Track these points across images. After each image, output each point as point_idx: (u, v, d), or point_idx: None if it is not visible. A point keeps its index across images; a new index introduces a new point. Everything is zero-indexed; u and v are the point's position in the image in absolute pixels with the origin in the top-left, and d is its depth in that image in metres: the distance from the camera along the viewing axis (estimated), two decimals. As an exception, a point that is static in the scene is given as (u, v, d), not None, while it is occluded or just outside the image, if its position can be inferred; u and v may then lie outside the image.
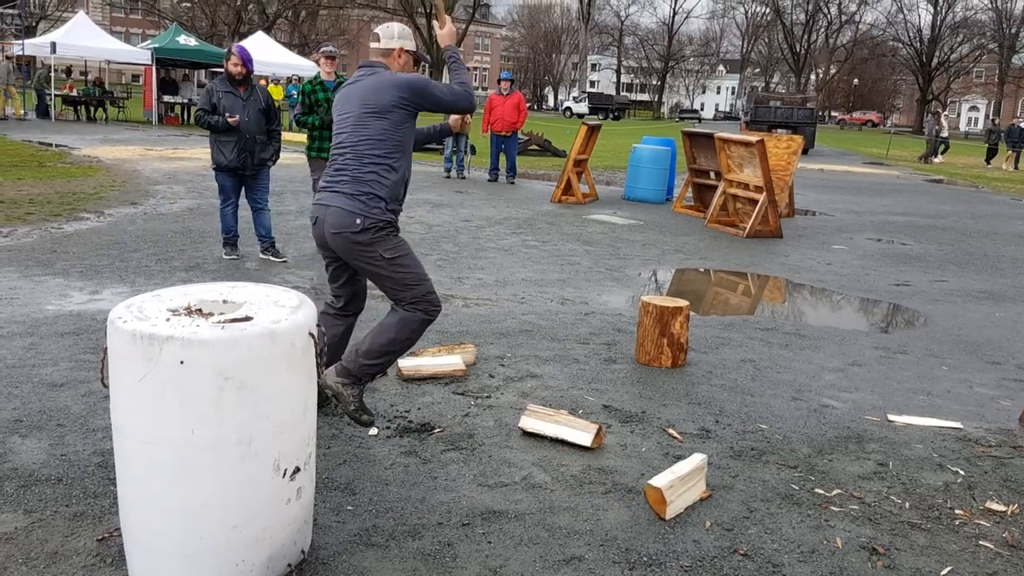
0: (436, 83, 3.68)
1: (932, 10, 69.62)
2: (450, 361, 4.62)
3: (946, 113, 37.49)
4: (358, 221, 3.50)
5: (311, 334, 2.57)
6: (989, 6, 69.59)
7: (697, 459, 3.34)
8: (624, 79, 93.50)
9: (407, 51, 3.76)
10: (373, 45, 3.74)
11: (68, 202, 9.88)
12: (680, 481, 3.18)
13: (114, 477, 3.03)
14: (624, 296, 6.96)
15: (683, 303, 5.03)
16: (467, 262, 7.85)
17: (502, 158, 14.75)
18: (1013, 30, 68.94)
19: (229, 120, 6.87)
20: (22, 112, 23.91)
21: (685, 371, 4.91)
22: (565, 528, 3.01)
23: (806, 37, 76.57)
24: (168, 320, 2.43)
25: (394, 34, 3.74)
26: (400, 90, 3.55)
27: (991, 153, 29.59)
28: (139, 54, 26.72)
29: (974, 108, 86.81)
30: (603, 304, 6.60)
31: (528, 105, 60.50)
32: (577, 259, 8.33)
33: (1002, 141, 29.12)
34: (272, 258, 7.47)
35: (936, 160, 29.12)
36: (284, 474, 2.52)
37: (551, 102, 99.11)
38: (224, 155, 7.01)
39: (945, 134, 31.14)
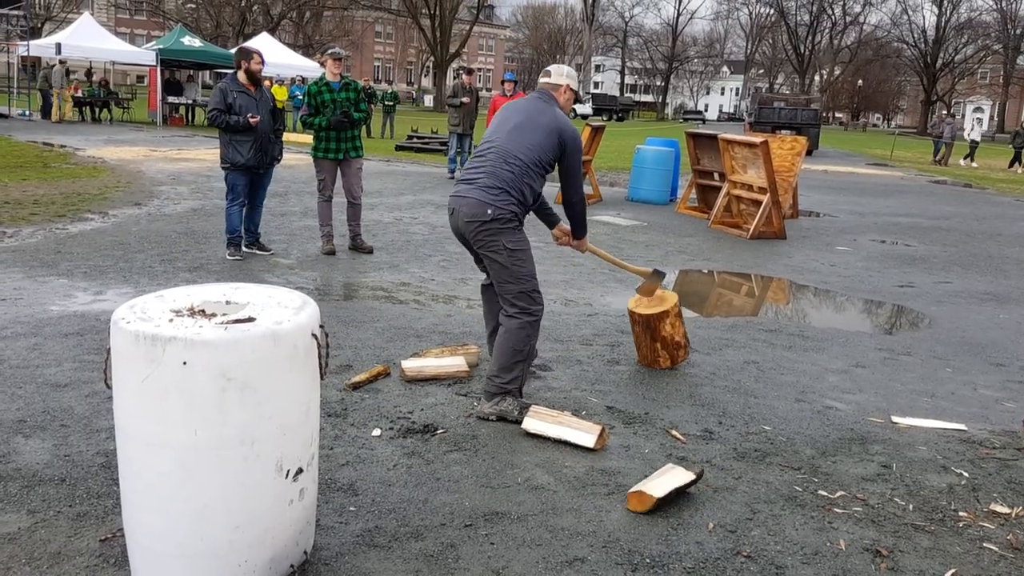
0: (578, 162, 4.17)
1: (937, 11, 69.64)
2: (453, 362, 4.62)
3: (951, 114, 36.40)
4: (489, 211, 3.90)
5: (314, 335, 2.57)
6: (994, 7, 69.52)
7: (664, 465, 3.40)
8: (628, 80, 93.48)
9: (572, 89, 4.29)
10: (543, 80, 4.29)
11: (72, 203, 9.90)
12: (648, 480, 3.23)
13: (117, 478, 3.04)
14: (627, 297, 6.93)
15: (668, 304, 4.93)
16: (470, 263, 7.80)
17: (506, 159, 14.72)
18: (1018, 31, 68.81)
19: (251, 120, 6.98)
20: (57, 116, 24.19)
21: (688, 372, 4.91)
22: (568, 529, 3.01)
23: (810, 38, 76.54)
24: (171, 321, 2.43)
25: (563, 72, 4.30)
26: (563, 135, 4.05)
27: (1018, 156, 28.34)
28: (144, 55, 26.79)
29: (979, 109, 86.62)
30: (606, 305, 6.59)
31: (532, 106, 60.34)
32: (580, 260, 8.33)
33: None
34: (258, 251, 7.62)
35: (973, 164, 28.56)
36: (287, 475, 2.52)
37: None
38: (241, 154, 7.11)
39: (977, 137, 29.81)
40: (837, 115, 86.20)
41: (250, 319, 2.45)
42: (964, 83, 75.94)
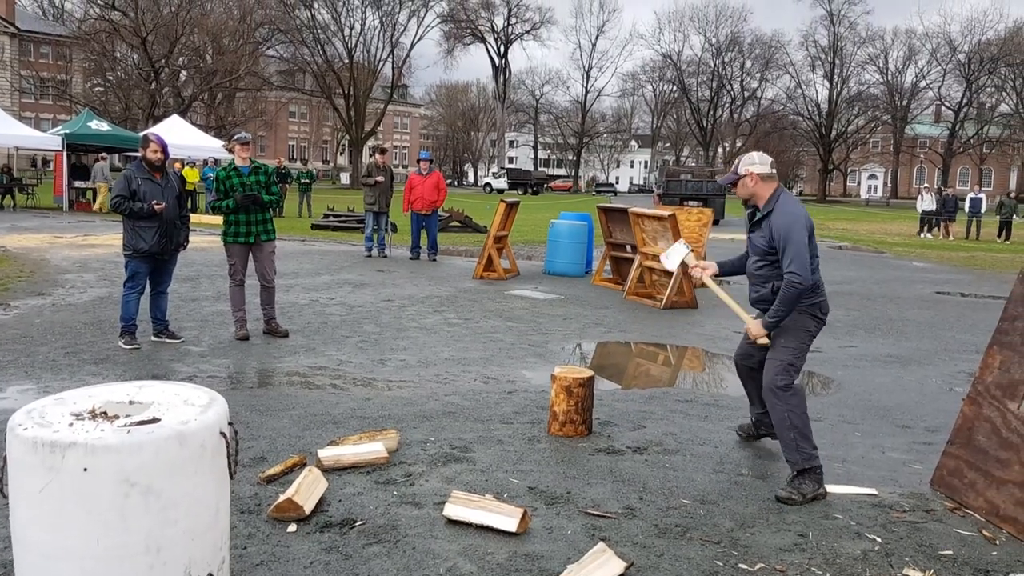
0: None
1: (828, 85, 73.72)
2: (372, 448, 4.54)
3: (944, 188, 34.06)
4: None
5: (223, 433, 2.51)
6: (881, 80, 74.05)
7: (596, 546, 3.36)
8: (541, 155, 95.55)
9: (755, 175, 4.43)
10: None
11: (-30, 294, 9.50)
12: (579, 566, 3.18)
13: (13, 593, 2.86)
14: (547, 372, 6.98)
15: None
16: (389, 343, 7.79)
17: (423, 235, 14.83)
18: (904, 102, 73.35)
19: (156, 207, 6.88)
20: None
21: (609, 447, 4.92)
22: (491, 620, 2.95)
23: (712, 113, 79.91)
24: (71, 425, 2.34)
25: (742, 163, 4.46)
26: None
27: (1004, 227, 27.43)
28: (49, 140, 26.19)
29: (873, 176, 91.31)
30: (527, 381, 6.61)
31: (448, 182, 60.84)
32: (500, 336, 8.36)
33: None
34: (168, 340, 7.42)
35: (929, 236, 27.61)
36: (196, 582, 2.43)
37: (471, 178, 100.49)
38: (145, 240, 6.99)
39: (930, 207, 27.88)
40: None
41: (154, 420, 2.38)
42: (857, 152, 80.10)
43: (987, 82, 70.46)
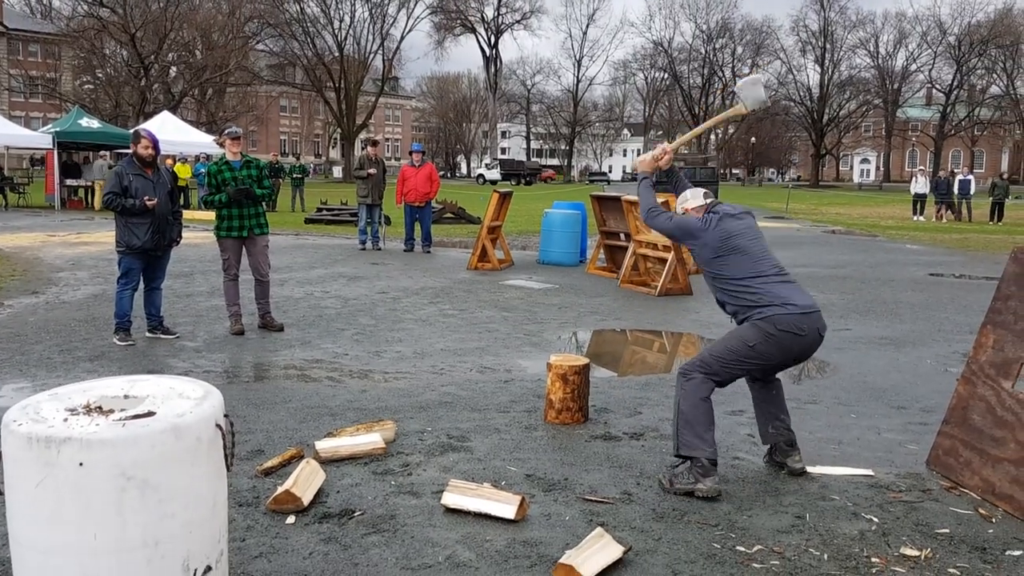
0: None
1: (819, 70, 73.74)
2: (369, 439, 4.54)
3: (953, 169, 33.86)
4: None
5: (218, 425, 2.51)
6: (872, 64, 74.10)
7: (593, 531, 3.36)
8: (534, 145, 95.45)
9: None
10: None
11: (-37, 294, 9.47)
12: (577, 551, 3.19)
13: (12, 589, 2.86)
14: (543, 361, 6.98)
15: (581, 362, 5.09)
16: (385, 335, 7.79)
17: (417, 227, 14.81)
18: (895, 86, 73.43)
19: (148, 203, 6.88)
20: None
21: (606, 434, 4.93)
22: (491, 606, 2.96)
23: (703, 99, 79.83)
24: (66, 420, 2.34)
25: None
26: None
27: (996, 208, 27.19)
28: (39, 138, 26.07)
29: (865, 160, 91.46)
30: (523, 370, 6.61)
31: (441, 173, 60.72)
32: (495, 326, 8.36)
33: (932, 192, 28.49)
34: (163, 335, 7.41)
35: (921, 218, 27.57)
36: (194, 574, 2.43)
37: (464, 169, 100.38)
38: (138, 237, 6.98)
39: (923, 190, 27.96)
40: (734, 171, 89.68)
41: (149, 413, 2.38)
42: (849, 136, 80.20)
43: (977, 64, 70.55)
